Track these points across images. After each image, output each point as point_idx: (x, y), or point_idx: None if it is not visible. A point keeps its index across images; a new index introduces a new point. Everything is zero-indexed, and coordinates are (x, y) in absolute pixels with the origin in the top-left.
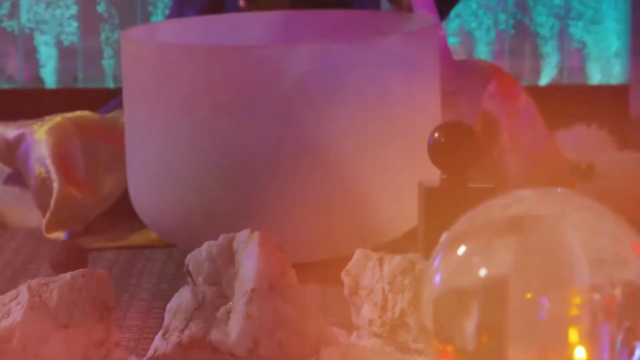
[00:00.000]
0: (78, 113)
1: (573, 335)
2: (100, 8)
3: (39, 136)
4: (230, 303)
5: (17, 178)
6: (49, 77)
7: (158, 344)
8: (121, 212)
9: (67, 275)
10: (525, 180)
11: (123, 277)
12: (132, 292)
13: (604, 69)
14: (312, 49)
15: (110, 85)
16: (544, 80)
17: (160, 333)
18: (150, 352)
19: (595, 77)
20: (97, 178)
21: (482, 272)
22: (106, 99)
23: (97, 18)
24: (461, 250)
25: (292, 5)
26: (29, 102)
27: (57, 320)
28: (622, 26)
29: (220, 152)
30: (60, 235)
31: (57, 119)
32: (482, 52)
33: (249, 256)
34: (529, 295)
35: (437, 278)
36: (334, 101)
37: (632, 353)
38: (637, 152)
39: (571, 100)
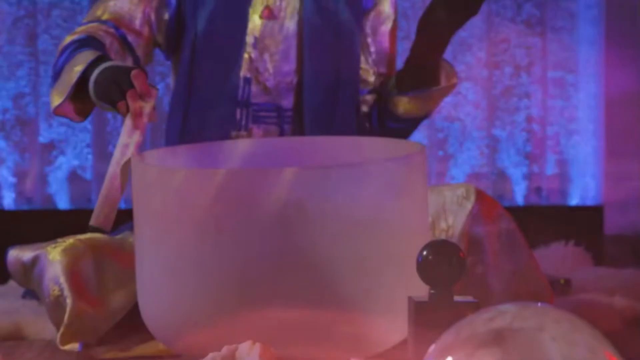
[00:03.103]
0: (89, 235)
1: None
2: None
3: (53, 257)
4: None
5: (35, 292)
6: (62, 199)
7: None
8: (131, 325)
9: None
10: (508, 297)
11: None
12: None
13: (581, 191)
14: (310, 173)
15: (122, 206)
16: (524, 201)
17: None
18: None
19: (573, 198)
20: (108, 294)
21: None
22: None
23: (108, 141)
24: None
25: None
26: (43, 223)
27: None
28: (597, 151)
29: (224, 270)
30: (74, 346)
31: (70, 240)
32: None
33: None
34: None
35: None
36: (329, 222)
37: None
38: (611, 267)
39: (550, 220)
